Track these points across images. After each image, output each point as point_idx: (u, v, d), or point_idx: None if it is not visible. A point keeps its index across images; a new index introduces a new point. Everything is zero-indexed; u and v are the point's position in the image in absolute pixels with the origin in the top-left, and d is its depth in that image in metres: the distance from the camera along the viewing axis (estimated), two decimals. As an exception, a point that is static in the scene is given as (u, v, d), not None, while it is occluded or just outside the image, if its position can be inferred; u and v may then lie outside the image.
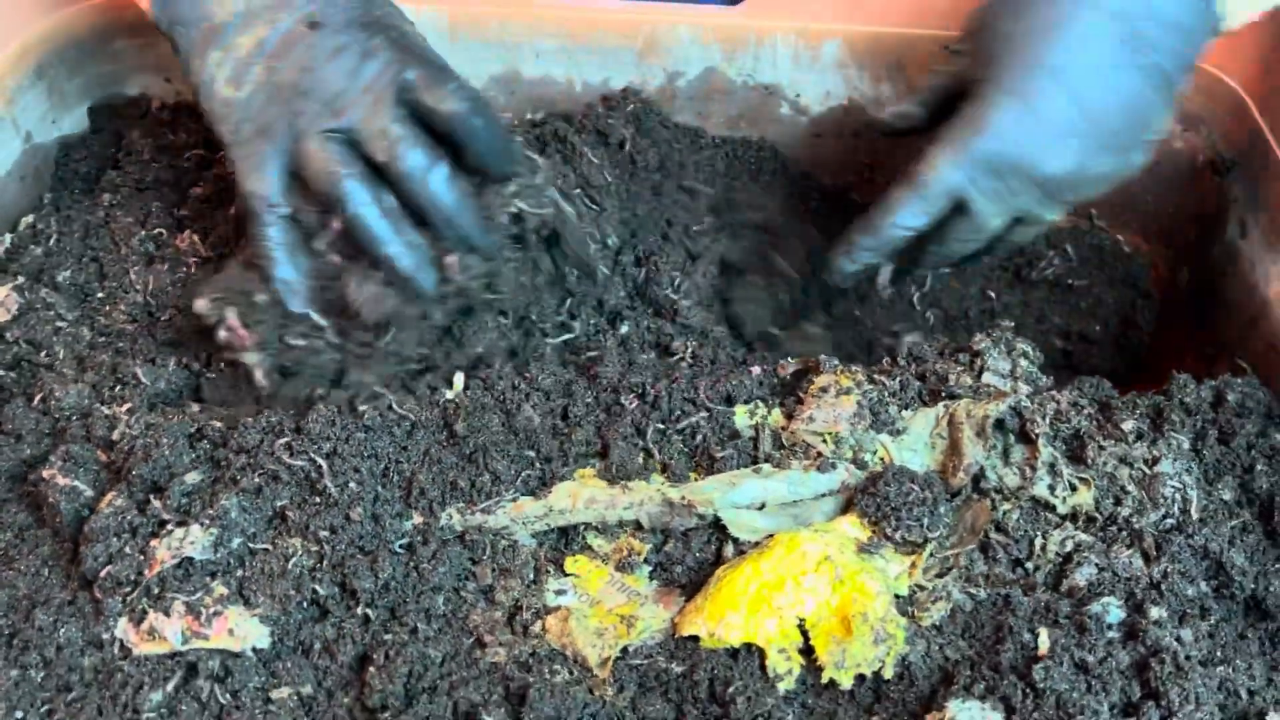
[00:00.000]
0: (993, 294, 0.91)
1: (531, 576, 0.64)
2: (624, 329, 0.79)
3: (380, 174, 0.67)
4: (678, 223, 0.86)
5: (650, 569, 0.66)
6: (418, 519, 0.64)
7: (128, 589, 0.59)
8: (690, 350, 0.77)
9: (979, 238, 0.74)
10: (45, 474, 0.64)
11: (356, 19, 0.68)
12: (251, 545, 0.61)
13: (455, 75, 0.69)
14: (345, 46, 0.67)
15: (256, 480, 0.62)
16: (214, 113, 0.69)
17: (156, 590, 0.58)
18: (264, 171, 0.67)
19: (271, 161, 0.67)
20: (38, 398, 0.70)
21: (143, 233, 0.83)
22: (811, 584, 0.60)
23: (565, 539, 0.67)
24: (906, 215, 0.73)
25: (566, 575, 0.65)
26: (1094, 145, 0.70)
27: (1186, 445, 0.68)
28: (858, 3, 0.88)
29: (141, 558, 0.59)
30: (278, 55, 0.67)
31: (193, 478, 0.63)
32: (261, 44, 0.67)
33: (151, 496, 0.62)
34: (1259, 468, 0.68)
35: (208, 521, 0.60)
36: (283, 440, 0.63)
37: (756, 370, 0.72)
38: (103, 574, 0.59)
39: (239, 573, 0.60)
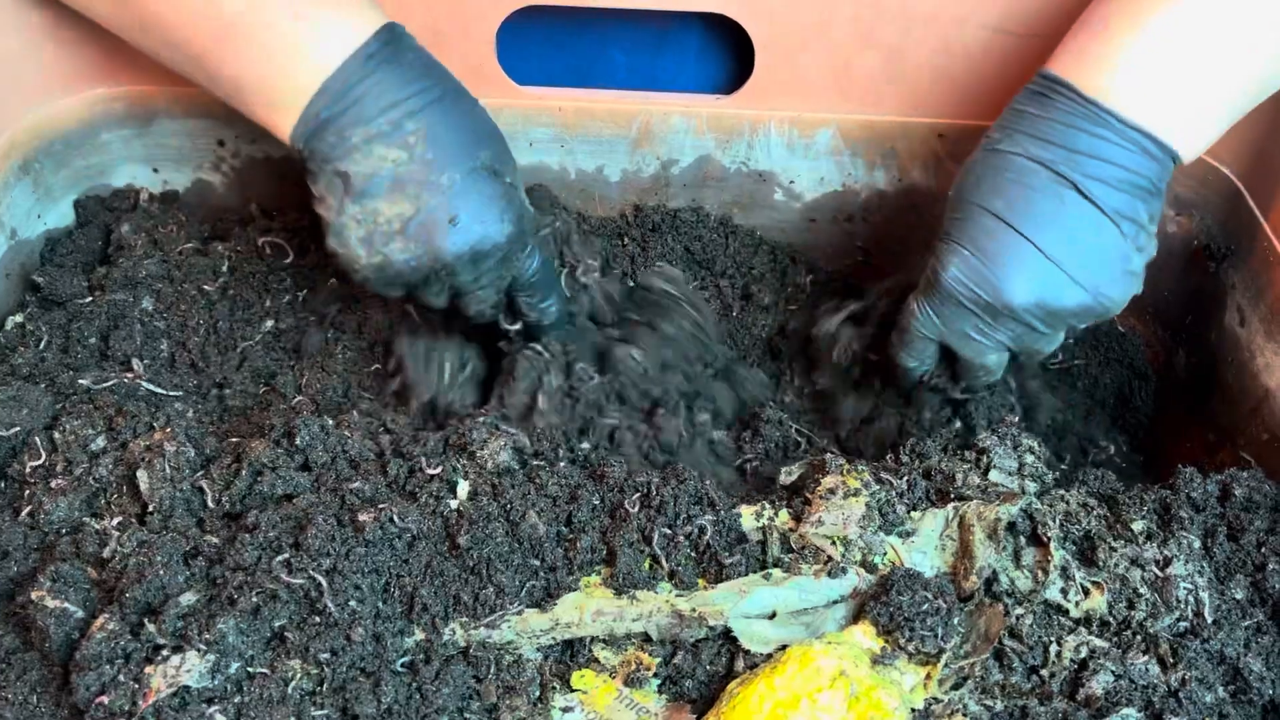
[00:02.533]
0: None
1: (537, 694, 0.63)
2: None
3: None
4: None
5: (659, 683, 0.64)
6: (420, 635, 0.63)
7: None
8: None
9: (982, 373, 0.77)
10: (34, 595, 0.62)
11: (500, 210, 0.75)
12: (250, 669, 0.59)
13: (556, 286, 0.82)
14: (476, 250, 0.73)
15: (254, 600, 0.60)
16: (343, 257, 0.73)
17: (153, 723, 0.56)
18: (394, 291, 0.75)
19: (401, 293, 0.76)
20: (25, 511, 0.68)
21: (138, 328, 0.81)
22: (827, 701, 0.59)
23: (571, 651, 0.65)
24: (907, 360, 0.79)
25: (573, 691, 0.63)
26: (1053, 280, 0.71)
27: (1197, 545, 0.67)
28: (849, 91, 0.88)
29: (136, 686, 0.57)
30: (415, 238, 0.72)
31: (188, 598, 0.61)
32: (405, 222, 0.71)
33: (145, 619, 0.60)
34: (1270, 566, 0.67)
35: (204, 647, 0.58)
36: (281, 557, 0.62)
37: None
38: (95, 704, 0.57)
39: (237, 699, 0.58)
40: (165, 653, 0.58)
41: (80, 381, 0.78)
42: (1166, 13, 0.68)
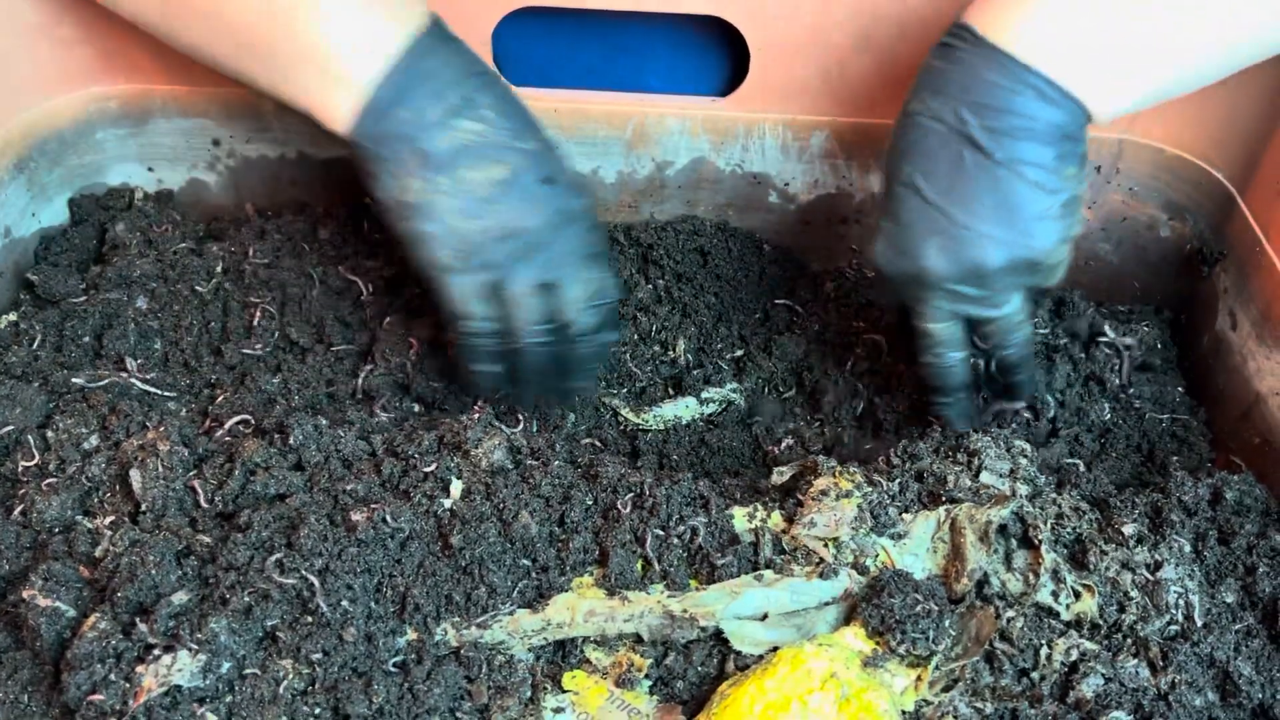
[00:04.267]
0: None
1: (528, 695, 0.63)
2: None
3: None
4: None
5: (651, 684, 0.65)
6: (412, 635, 0.63)
7: (112, 719, 0.57)
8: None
9: (941, 344, 0.75)
10: (25, 594, 0.62)
11: (568, 180, 0.75)
12: (241, 669, 0.59)
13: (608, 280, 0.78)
14: (564, 210, 0.73)
15: (246, 600, 0.60)
16: (432, 236, 0.71)
17: (144, 721, 0.56)
18: (474, 302, 0.73)
19: (482, 293, 0.73)
20: (18, 510, 0.68)
21: (132, 327, 0.81)
22: (818, 703, 0.59)
23: (563, 652, 0.65)
24: (921, 354, 0.77)
25: (564, 692, 0.64)
26: (965, 240, 0.69)
27: (1188, 548, 0.68)
28: (844, 95, 0.88)
29: (127, 685, 0.57)
30: (517, 198, 0.71)
31: (180, 598, 0.61)
32: (501, 185, 0.71)
33: (137, 619, 0.60)
34: (1260, 570, 0.67)
35: (196, 647, 0.58)
36: (274, 557, 0.62)
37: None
38: (86, 703, 0.57)
39: (228, 699, 0.58)
40: (157, 652, 0.58)
41: (74, 380, 0.78)
42: None
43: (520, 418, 0.80)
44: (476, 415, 0.74)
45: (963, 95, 0.68)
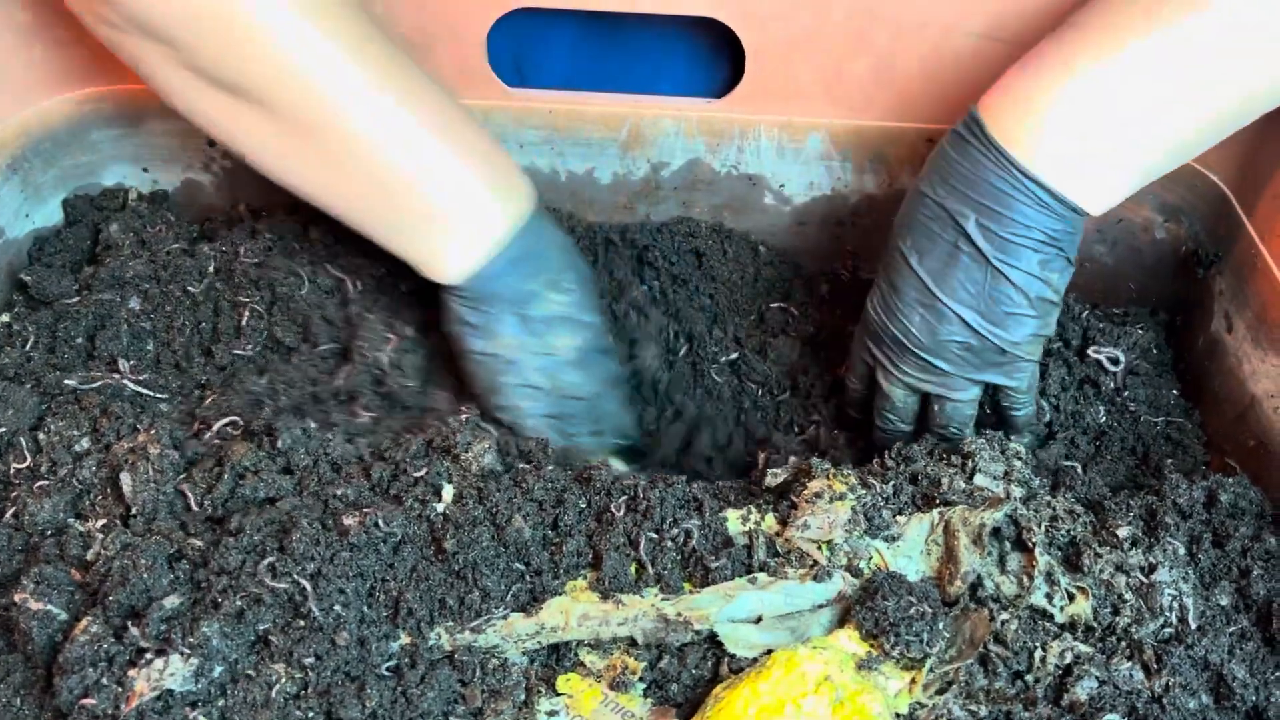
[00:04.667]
0: None
1: (522, 698, 0.62)
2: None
3: None
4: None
5: (645, 687, 0.64)
6: (405, 639, 0.63)
7: (104, 725, 0.56)
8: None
9: (894, 411, 0.80)
10: (17, 597, 0.62)
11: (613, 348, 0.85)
12: (234, 673, 0.59)
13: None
14: (611, 377, 0.84)
15: (239, 603, 0.60)
16: (514, 387, 0.79)
17: (135, 726, 0.56)
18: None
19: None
20: (9, 512, 0.68)
21: (125, 328, 0.81)
22: (811, 707, 0.59)
23: (557, 655, 0.65)
24: (853, 383, 0.83)
25: (559, 695, 0.63)
26: (947, 317, 0.73)
27: (1182, 551, 0.68)
28: (839, 96, 0.88)
29: (119, 689, 0.57)
30: (585, 366, 0.81)
31: (172, 601, 0.61)
32: (577, 352, 0.80)
33: (129, 623, 0.60)
34: (1255, 572, 0.67)
35: (188, 650, 0.58)
36: (266, 561, 0.61)
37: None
38: (78, 706, 0.57)
39: (220, 703, 0.58)
40: (149, 656, 0.58)
41: (66, 382, 0.77)
42: (1096, 62, 0.67)
43: None
44: (464, 416, 0.74)
45: (968, 191, 0.71)
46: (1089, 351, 0.86)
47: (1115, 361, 0.85)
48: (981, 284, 0.72)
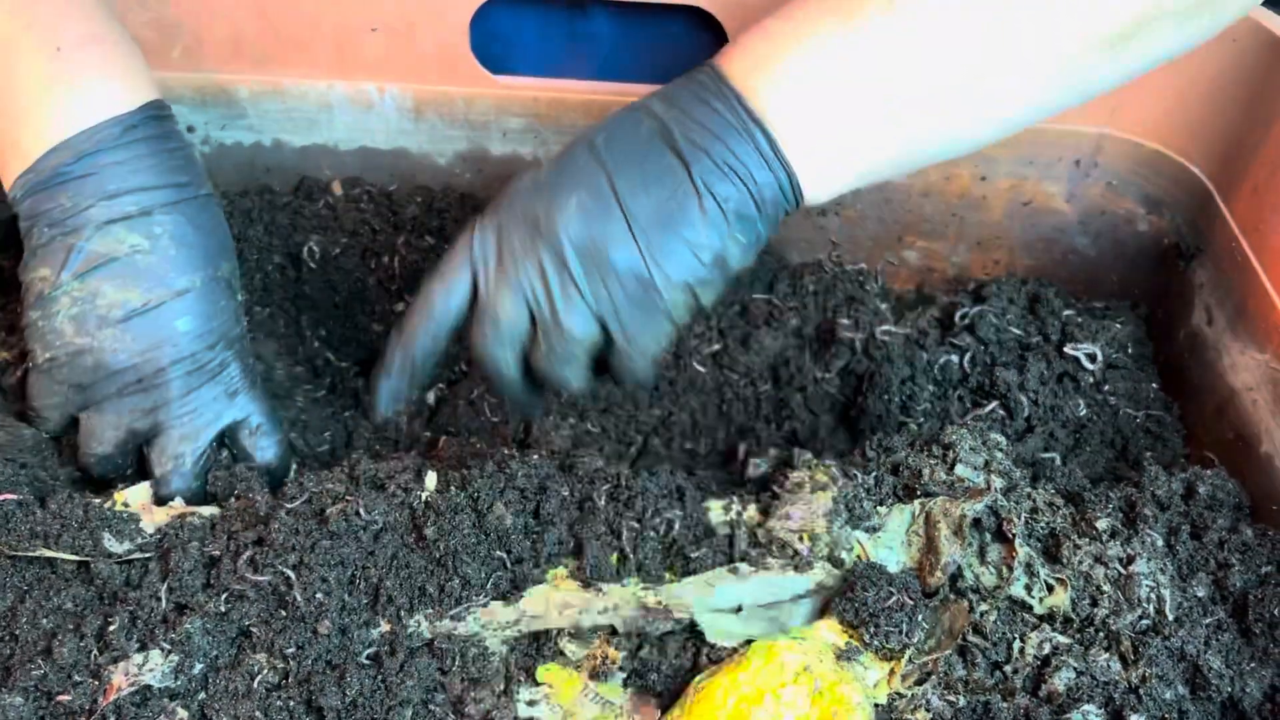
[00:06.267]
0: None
1: (502, 687, 0.62)
2: None
3: None
4: None
5: (625, 676, 0.64)
6: (385, 627, 0.63)
7: (81, 718, 0.56)
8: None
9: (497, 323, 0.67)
10: None
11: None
12: (215, 665, 0.58)
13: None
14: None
15: (221, 601, 0.60)
16: (38, 329, 0.66)
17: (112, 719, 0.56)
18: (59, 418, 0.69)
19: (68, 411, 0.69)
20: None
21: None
22: (791, 697, 0.59)
23: (537, 644, 0.65)
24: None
25: (539, 684, 0.63)
26: (611, 216, 0.63)
27: (1160, 543, 0.68)
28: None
29: (95, 684, 0.57)
30: (134, 332, 0.67)
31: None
32: (128, 312, 0.66)
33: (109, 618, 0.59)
34: (1232, 564, 0.68)
35: (169, 647, 0.57)
36: (246, 555, 0.61)
37: None
38: (54, 702, 0.57)
39: (200, 695, 0.58)
40: (129, 652, 0.58)
41: None
42: (828, 32, 0.61)
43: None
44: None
45: (686, 108, 0.64)
46: (1066, 348, 0.86)
47: (1093, 358, 0.86)
48: (665, 193, 0.62)
